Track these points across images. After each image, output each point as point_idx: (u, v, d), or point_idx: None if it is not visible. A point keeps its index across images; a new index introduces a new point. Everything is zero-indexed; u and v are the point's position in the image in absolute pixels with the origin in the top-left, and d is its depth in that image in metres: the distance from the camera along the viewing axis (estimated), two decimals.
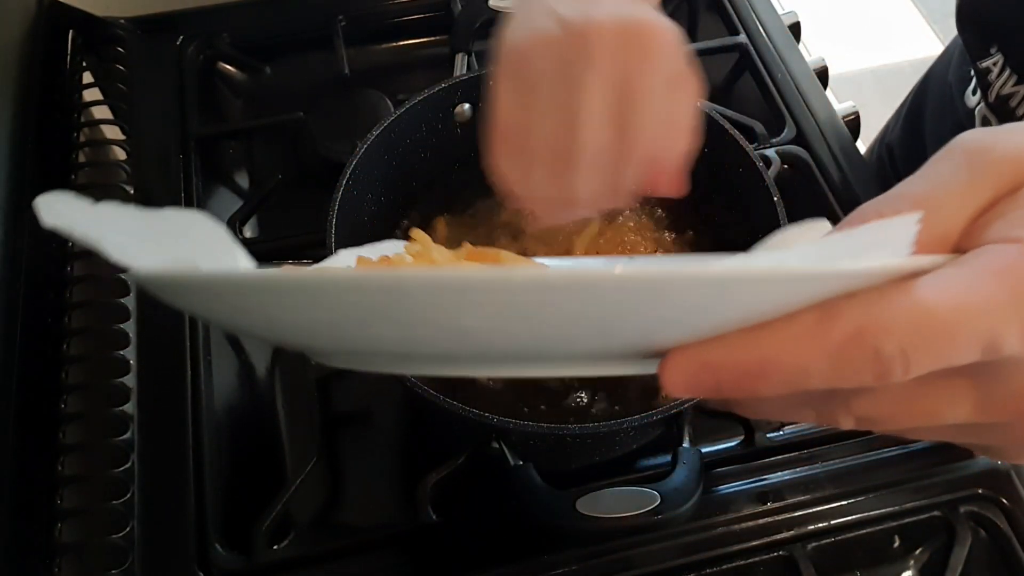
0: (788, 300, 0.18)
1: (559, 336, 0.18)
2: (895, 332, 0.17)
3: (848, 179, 0.54)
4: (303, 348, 0.22)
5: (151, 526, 0.42)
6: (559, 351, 0.19)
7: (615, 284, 0.16)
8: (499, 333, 0.18)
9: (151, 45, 0.61)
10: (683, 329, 0.18)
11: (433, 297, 0.17)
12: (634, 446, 0.45)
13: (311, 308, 0.18)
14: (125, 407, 0.44)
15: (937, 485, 0.44)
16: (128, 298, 0.48)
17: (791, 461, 0.45)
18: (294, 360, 0.49)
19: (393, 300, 0.17)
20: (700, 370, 0.19)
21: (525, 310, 0.17)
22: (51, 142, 0.53)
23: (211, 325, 0.48)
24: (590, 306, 0.17)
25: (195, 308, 0.22)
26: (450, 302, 0.17)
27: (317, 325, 0.19)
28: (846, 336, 0.17)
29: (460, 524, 0.42)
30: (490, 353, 0.19)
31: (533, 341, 0.18)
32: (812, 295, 0.18)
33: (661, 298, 0.17)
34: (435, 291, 0.16)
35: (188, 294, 0.19)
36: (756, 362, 0.18)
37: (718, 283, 0.17)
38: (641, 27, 0.34)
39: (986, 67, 0.51)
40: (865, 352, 0.17)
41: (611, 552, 0.42)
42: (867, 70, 1.62)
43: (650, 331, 0.18)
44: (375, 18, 0.64)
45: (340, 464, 0.46)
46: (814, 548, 0.42)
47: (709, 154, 0.45)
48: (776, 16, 0.62)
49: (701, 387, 0.19)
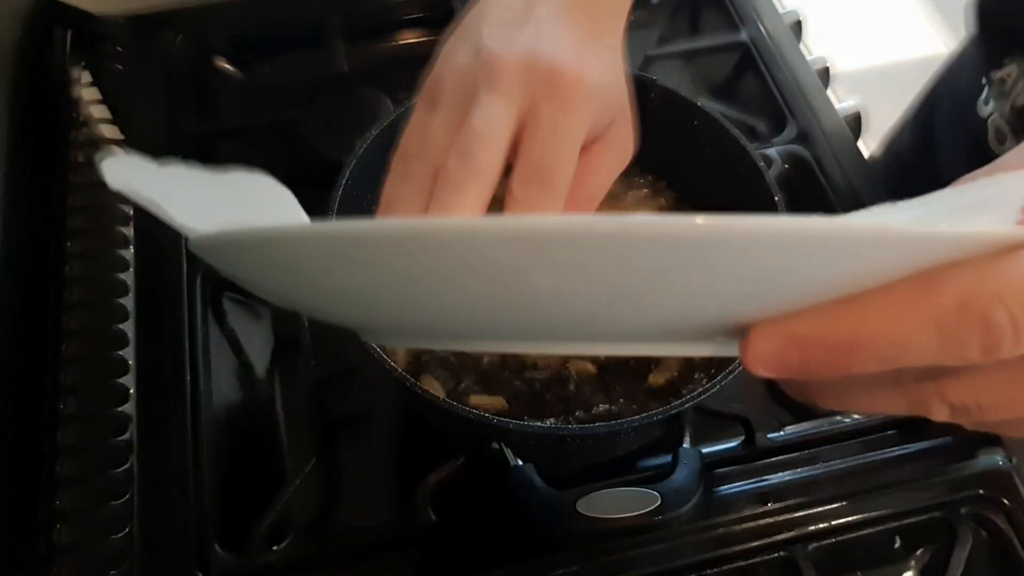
0: (886, 266, 0.16)
1: (632, 304, 0.17)
2: (1007, 300, 0.16)
3: (850, 178, 0.54)
4: (356, 323, 0.20)
5: (150, 527, 0.42)
6: (625, 324, 0.18)
7: (707, 234, 0.15)
8: (568, 298, 0.16)
9: (147, 43, 0.61)
10: (766, 300, 0.17)
11: (512, 248, 0.15)
12: (635, 446, 0.44)
13: (385, 265, 0.16)
14: (124, 408, 0.44)
15: (938, 485, 0.44)
16: (127, 298, 0.48)
17: (792, 461, 0.44)
18: (294, 360, 0.49)
19: (472, 248, 0.15)
20: (787, 345, 0.17)
21: (603, 268, 0.15)
22: (46, 141, 0.53)
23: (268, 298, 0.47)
24: (672, 265, 0.15)
25: (256, 274, 0.20)
26: (527, 255, 0.15)
27: (383, 290, 0.17)
28: (953, 303, 0.16)
29: (460, 525, 0.42)
30: (552, 325, 0.18)
31: (603, 310, 0.17)
32: (912, 261, 0.16)
33: (752, 255, 0.15)
34: (515, 240, 0.15)
35: (254, 256, 0.18)
36: (850, 334, 0.17)
37: (818, 241, 0.15)
38: (553, 65, 0.31)
39: (1001, 77, 0.50)
40: (973, 321, 0.16)
41: (611, 553, 0.41)
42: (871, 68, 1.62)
43: (730, 299, 0.17)
44: (374, 14, 0.64)
45: (339, 465, 0.46)
46: (815, 548, 0.42)
47: (709, 153, 0.45)
48: (778, 14, 0.62)
49: (787, 364, 0.18)
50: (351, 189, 0.43)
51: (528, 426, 0.41)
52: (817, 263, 0.16)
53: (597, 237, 0.15)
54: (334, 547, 0.42)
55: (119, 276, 0.48)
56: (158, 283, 0.48)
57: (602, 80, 0.33)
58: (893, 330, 0.17)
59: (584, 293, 0.16)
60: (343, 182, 0.42)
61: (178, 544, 0.41)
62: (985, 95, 0.53)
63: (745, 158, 0.44)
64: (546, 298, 0.16)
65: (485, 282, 0.16)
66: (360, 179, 0.44)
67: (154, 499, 0.42)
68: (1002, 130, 0.51)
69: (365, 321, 0.20)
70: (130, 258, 0.49)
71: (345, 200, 0.42)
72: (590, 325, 0.18)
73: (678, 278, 0.16)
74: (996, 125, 0.52)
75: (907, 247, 0.16)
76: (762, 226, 0.15)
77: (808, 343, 0.17)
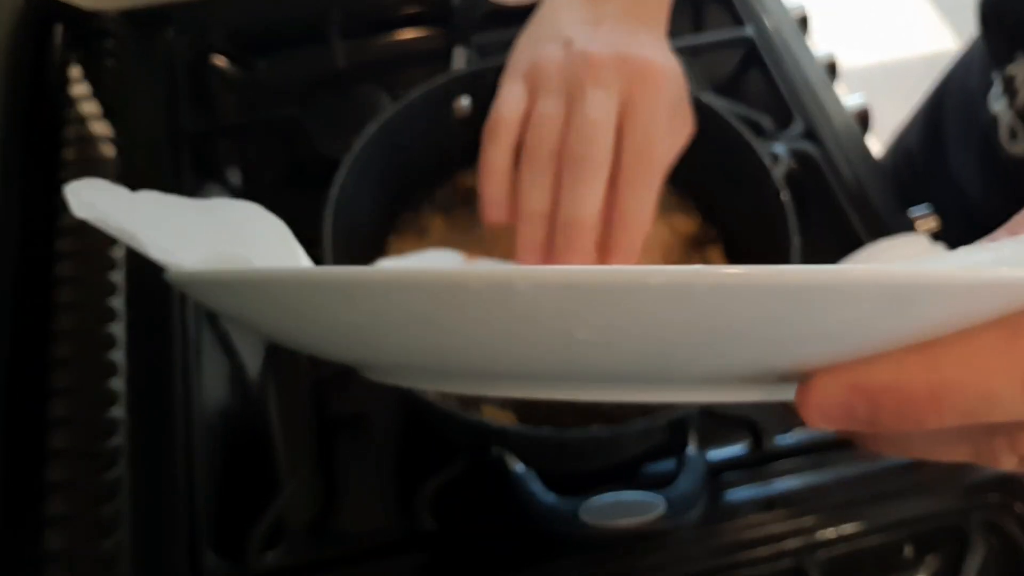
0: (970, 312, 0.15)
1: (680, 353, 0.15)
2: None
3: (858, 175, 0.53)
4: (355, 361, 0.19)
5: (141, 533, 0.41)
6: (669, 372, 0.16)
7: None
8: (610, 348, 0.15)
9: (141, 39, 0.60)
10: (833, 344, 0.15)
11: (551, 299, 0.14)
12: (639, 451, 0.43)
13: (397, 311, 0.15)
14: (114, 411, 0.43)
15: (949, 492, 0.43)
16: (117, 299, 0.47)
17: (800, 467, 0.43)
18: (288, 363, 0.48)
19: (512, 301, 0.14)
20: (853, 395, 0.16)
21: (652, 320, 0.14)
22: (38, 139, 0.52)
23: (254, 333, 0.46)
24: (728, 314, 0.14)
25: (245, 312, 0.18)
26: (569, 308, 0.14)
27: (393, 333, 0.15)
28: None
29: (460, 531, 0.41)
30: (588, 372, 0.16)
31: (646, 360, 0.15)
32: (997, 306, 0.15)
33: (822, 305, 0.14)
34: (555, 291, 0.13)
35: (241, 296, 0.16)
36: (928, 387, 0.15)
37: (897, 290, 0.13)
38: (641, 61, 0.37)
39: (1012, 73, 0.49)
40: None
41: (615, 559, 0.41)
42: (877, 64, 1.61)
43: (791, 347, 0.15)
44: (371, 11, 0.63)
45: (335, 469, 0.45)
46: (823, 556, 0.41)
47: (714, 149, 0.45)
48: (784, 9, 0.61)
49: (852, 416, 0.16)
50: (348, 186, 0.42)
51: (527, 430, 0.40)
52: (893, 311, 0.14)
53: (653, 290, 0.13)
54: (330, 553, 0.42)
55: (109, 276, 0.47)
56: (149, 284, 0.48)
57: (675, 70, 0.39)
58: (977, 383, 0.15)
59: (639, 341, 0.15)
60: (340, 179, 0.41)
61: (170, 550, 0.41)
62: (995, 91, 0.52)
63: (751, 154, 0.43)
64: (591, 347, 0.15)
65: (529, 329, 0.15)
66: (357, 176, 0.43)
67: (145, 504, 0.41)
68: (1014, 128, 0.50)
69: (367, 361, 0.19)
70: (120, 258, 0.48)
71: (342, 198, 0.41)
72: (631, 372, 0.16)
73: (763, 326, 0.14)
74: (1007, 122, 0.51)
75: (998, 292, 0.14)
76: (842, 278, 0.13)
77: (880, 395, 0.16)
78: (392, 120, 0.44)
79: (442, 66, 0.57)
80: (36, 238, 0.48)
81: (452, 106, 0.47)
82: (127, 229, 0.17)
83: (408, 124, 0.46)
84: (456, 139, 0.47)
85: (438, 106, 0.47)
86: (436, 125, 0.47)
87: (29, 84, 0.54)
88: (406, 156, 0.47)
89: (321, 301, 0.15)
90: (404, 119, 0.45)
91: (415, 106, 0.45)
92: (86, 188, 0.17)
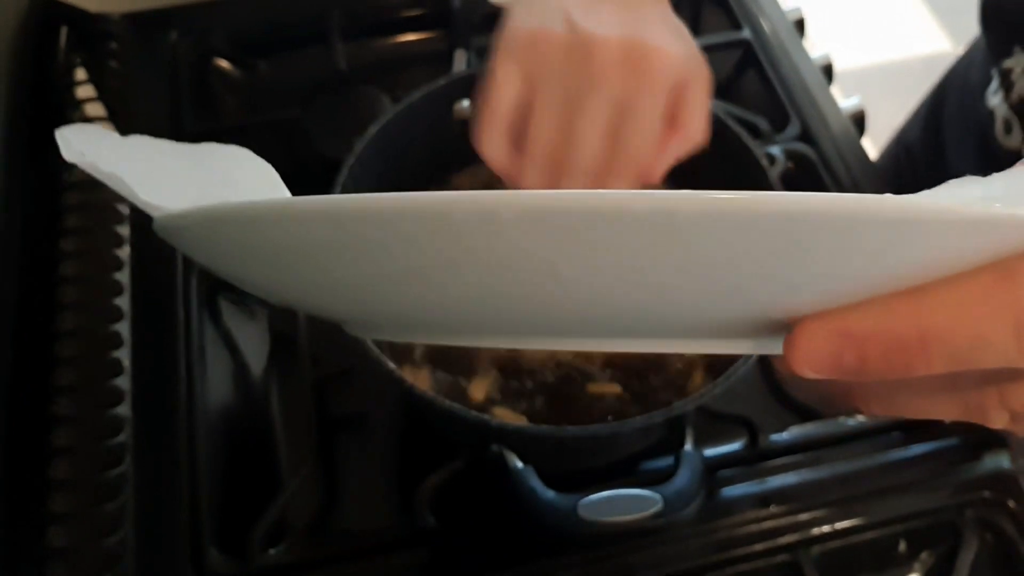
0: (958, 254, 0.14)
1: (666, 296, 0.14)
2: None
3: (854, 176, 0.53)
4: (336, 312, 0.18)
5: (145, 530, 0.41)
6: (656, 319, 0.15)
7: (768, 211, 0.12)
8: (594, 290, 0.14)
9: (145, 41, 0.60)
10: (819, 290, 0.15)
11: (536, 228, 0.13)
12: (636, 448, 0.44)
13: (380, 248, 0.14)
14: (118, 409, 0.44)
15: (943, 488, 0.43)
16: (122, 298, 0.47)
17: (795, 463, 0.44)
18: (291, 360, 0.48)
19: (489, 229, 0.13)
20: (841, 342, 0.15)
21: (636, 254, 0.13)
22: (42, 139, 0.53)
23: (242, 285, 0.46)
24: (714, 247, 0.13)
25: (232, 260, 0.18)
26: (553, 237, 0.13)
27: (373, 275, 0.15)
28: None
29: (460, 528, 0.42)
30: (574, 321, 0.15)
31: (631, 302, 0.15)
32: (988, 248, 0.14)
33: (810, 235, 0.13)
34: (540, 218, 0.13)
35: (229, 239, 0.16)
36: (917, 332, 0.15)
37: (897, 222, 0.13)
38: (645, 50, 0.36)
39: (1009, 67, 0.50)
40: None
41: (613, 556, 0.41)
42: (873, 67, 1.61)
43: (777, 289, 0.14)
44: (372, 13, 0.63)
45: (337, 467, 0.45)
46: (818, 552, 0.42)
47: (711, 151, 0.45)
48: (780, 12, 0.62)
49: (840, 364, 0.15)
50: (350, 187, 0.42)
51: (526, 428, 0.41)
52: (886, 249, 0.14)
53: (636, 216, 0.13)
54: (332, 550, 0.42)
55: (114, 276, 0.48)
56: (153, 283, 0.48)
57: (679, 56, 0.37)
58: (966, 327, 0.15)
59: (621, 281, 0.14)
60: (342, 181, 0.42)
61: (173, 547, 0.41)
62: (994, 86, 0.53)
63: (748, 156, 0.44)
64: (576, 287, 0.14)
65: (509, 270, 0.14)
66: (359, 178, 0.43)
67: (149, 502, 0.42)
68: (1009, 120, 0.51)
69: (353, 313, 0.18)
70: (125, 257, 0.49)
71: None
72: (616, 321, 0.16)
73: (748, 262, 0.13)
74: (1003, 115, 0.51)
75: (988, 231, 0.14)
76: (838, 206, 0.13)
77: (868, 341, 0.15)
78: (393, 122, 0.45)
79: (443, 68, 0.57)
80: (41, 238, 0.48)
81: (452, 108, 0.48)
82: (115, 174, 0.17)
83: (409, 126, 0.46)
84: (456, 141, 0.48)
85: (439, 108, 0.47)
86: (436, 127, 0.47)
87: (34, 86, 0.54)
88: (406, 158, 0.47)
89: (309, 233, 0.14)
90: (405, 121, 0.46)
91: (416, 108, 0.46)
92: (77, 134, 0.17)
